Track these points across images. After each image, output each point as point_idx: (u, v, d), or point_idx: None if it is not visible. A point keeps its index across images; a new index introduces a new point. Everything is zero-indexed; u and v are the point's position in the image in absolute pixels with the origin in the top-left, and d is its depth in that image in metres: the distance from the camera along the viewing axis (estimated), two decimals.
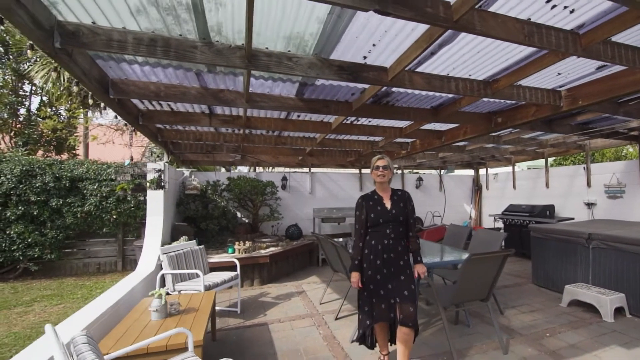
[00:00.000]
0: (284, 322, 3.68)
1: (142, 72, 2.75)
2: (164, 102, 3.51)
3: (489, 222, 8.93)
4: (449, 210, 9.47)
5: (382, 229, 2.47)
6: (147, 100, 3.46)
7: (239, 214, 7.07)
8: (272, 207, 6.97)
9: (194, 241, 4.42)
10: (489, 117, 4.06)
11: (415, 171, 9.69)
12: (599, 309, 3.66)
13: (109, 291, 3.25)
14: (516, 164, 8.61)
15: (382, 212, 2.48)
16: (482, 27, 1.84)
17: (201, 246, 4.26)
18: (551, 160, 10.67)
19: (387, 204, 2.51)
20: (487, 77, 2.88)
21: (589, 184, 6.58)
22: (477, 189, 9.81)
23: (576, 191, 6.87)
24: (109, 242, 6.69)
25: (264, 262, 5.17)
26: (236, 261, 4.18)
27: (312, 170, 8.25)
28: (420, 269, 2.51)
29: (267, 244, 5.82)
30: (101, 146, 9.33)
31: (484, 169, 9.64)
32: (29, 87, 9.12)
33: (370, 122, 4.53)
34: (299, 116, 4.16)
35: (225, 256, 4.94)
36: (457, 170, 10.11)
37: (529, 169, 10.69)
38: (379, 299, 2.43)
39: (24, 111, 9.05)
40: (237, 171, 9.16)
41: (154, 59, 2.47)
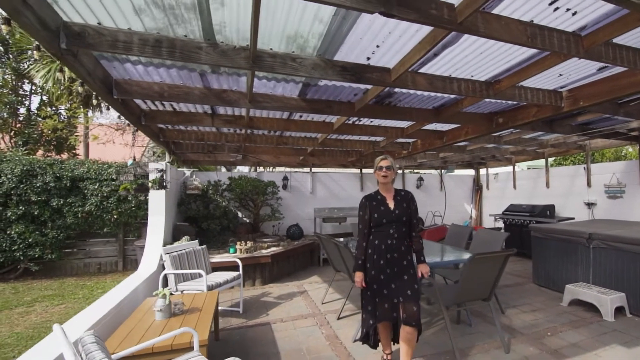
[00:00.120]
0: (287, 322, 3.70)
1: (145, 72, 2.75)
2: (167, 102, 3.52)
3: (489, 222, 8.95)
4: (450, 210, 9.49)
5: (385, 229, 2.48)
6: (150, 100, 3.47)
7: (240, 214, 7.07)
8: (273, 207, 6.98)
9: (196, 241, 4.42)
10: (491, 118, 4.07)
11: (415, 171, 9.71)
12: (599, 308, 3.68)
13: (112, 291, 3.25)
14: (516, 164, 8.62)
15: (386, 212, 2.50)
16: (485, 29, 1.85)
17: (203, 246, 4.26)
18: (551, 160, 10.69)
19: (391, 204, 2.52)
20: (489, 78, 2.90)
21: (589, 184, 6.61)
22: (477, 188, 9.83)
23: (576, 191, 6.89)
24: (110, 242, 6.68)
25: (265, 262, 5.18)
26: (239, 261, 4.20)
27: (313, 170, 8.27)
28: (423, 269, 2.53)
29: (269, 243, 5.83)
30: (101, 146, 9.30)
31: (485, 169, 9.66)
32: (29, 86, 9.11)
33: (372, 122, 4.54)
34: (301, 116, 4.17)
35: (226, 256, 4.95)
36: (457, 170, 10.12)
37: (529, 169, 10.71)
38: (383, 298, 2.45)
39: (24, 111, 9.03)
40: (237, 171, 9.16)
41: (159, 59, 2.48)
